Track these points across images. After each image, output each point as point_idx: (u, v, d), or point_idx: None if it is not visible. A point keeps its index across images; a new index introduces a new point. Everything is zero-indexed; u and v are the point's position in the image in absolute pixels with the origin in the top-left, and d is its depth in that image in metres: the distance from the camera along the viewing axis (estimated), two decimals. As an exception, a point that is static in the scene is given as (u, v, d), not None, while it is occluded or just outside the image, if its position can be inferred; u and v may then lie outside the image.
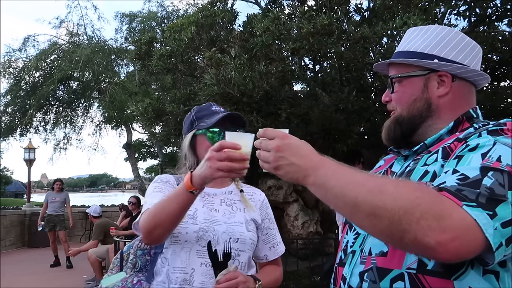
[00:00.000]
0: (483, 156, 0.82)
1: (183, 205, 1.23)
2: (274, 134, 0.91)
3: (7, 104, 11.69)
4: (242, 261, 1.40)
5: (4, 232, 10.26)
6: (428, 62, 1.03)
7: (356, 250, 1.00)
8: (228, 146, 1.10)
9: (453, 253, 0.72)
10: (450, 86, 1.03)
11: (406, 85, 1.05)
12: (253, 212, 1.49)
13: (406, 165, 1.04)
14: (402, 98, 1.05)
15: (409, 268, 0.88)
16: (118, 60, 12.20)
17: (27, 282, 6.67)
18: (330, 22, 3.34)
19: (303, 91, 5.35)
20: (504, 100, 5.03)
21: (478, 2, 4.01)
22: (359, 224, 0.83)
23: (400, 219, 0.72)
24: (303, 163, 0.87)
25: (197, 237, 1.36)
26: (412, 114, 1.04)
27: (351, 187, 0.80)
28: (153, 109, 4.41)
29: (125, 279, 1.47)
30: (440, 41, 1.05)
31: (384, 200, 0.75)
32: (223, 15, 4.52)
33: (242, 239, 1.40)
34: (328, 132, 4.02)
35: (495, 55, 5.14)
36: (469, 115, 1.03)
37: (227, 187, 1.54)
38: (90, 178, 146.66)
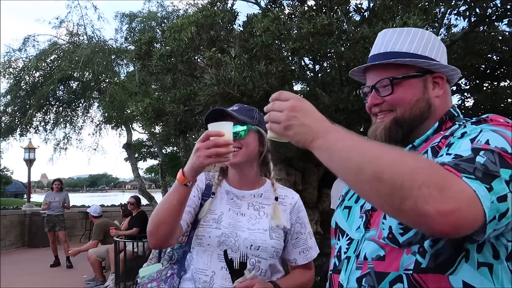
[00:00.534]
0: (472, 141, 0.84)
1: (179, 199, 1.29)
2: (289, 96, 0.91)
3: (7, 104, 11.68)
4: (262, 268, 1.40)
5: (4, 232, 10.26)
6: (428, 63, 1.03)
7: (351, 256, 1.00)
8: (213, 134, 1.20)
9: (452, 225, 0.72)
10: (444, 87, 1.05)
11: (406, 86, 1.03)
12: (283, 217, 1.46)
13: None
14: (405, 99, 1.03)
15: (406, 270, 0.89)
16: (118, 60, 12.18)
17: (27, 282, 6.67)
18: (330, 22, 3.34)
19: (303, 91, 5.35)
20: (504, 100, 5.04)
21: (478, 2, 4.01)
22: (361, 188, 0.82)
23: (402, 184, 0.72)
24: (314, 125, 0.88)
25: (219, 242, 1.39)
26: (415, 114, 1.03)
27: (356, 151, 0.80)
28: (153, 109, 4.41)
29: (161, 271, 1.51)
30: (427, 42, 1.06)
31: (387, 165, 0.76)
32: (223, 15, 4.52)
33: (263, 247, 1.40)
34: (328, 132, 4.02)
35: (495, 55, 5.14)
36: (451, 114, 1.05)
37: (257, 189, 1.52)
38: (90, 178, 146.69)
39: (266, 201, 1.50)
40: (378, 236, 0.95)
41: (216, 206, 1.48)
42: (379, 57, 1.07)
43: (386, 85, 1.05)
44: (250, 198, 1.50)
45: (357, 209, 1.07)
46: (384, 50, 1.07)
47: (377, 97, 1.06)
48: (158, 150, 12.07)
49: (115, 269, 6.01)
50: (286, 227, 1.47)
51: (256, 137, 1.49)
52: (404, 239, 0.90)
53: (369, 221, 1.00)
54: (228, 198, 1.50)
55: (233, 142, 1.30)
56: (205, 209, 1.47)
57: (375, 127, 1.08)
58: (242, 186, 1.52)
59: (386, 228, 0.93)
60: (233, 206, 1.48)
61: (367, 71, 1.11)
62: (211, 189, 1.53)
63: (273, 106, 0.91)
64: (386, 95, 1.05)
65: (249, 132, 1.46)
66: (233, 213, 1.45)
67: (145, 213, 7.21)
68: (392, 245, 0.92)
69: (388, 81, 1.04)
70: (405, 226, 0.90)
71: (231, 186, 1.53)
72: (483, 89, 5.39)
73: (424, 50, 1.05)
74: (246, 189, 1.51)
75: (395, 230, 0.91)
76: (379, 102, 1.06)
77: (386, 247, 0.93)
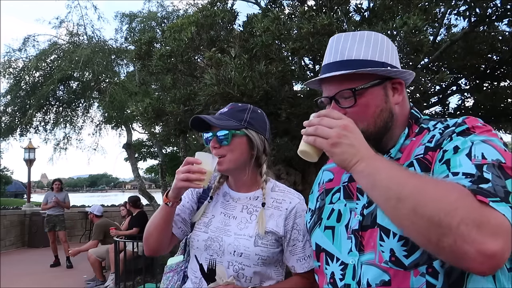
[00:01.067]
0: (468, 157, 0.83)
1: (163, 218, 1.40)
2: (341, 116, 0.92)
3: (7, 104, 11.67)
4: (247, 275, 1.37)
5: (4, 232, 10.26)
6: (388, 70, 0.99)
7: (351, 284, 0.95)
8: (191, 161, 1.32)
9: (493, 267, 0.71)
10: (403, 92, 1.04)
11: (368, 96, 0.99)
12: (273, 223, 1.40)
13: None
14: (367, 112, 0.99)
15: None
16: (118, 60, 12.17)
17: (27, 282, 6.67)
18: (330, 22, 3.34)
19: (303, 91, 5.35)
20: (504, 100, 5.03)
21: (478, 2, 4.01)
22: (398, 219, 0.80)
23: (440, 221, 0.72)
24: (362, 149, 0.88)
25: (206, 246, 1.41)
26: (379, 126, 1.00)
27: (397, 182, 0.80)
28: (153, 109, 4.40)
29: (179, 263, 1.57)
30: (382, 48, 1.01)
31: (426, 199, 0.75)
32: (223, 15, 4.52)
33: (246, 254, 1.36)
34: (328, 132, 4.01)
35: (495, 55, 5.14)
36: (415, 117, 1.05)
37: (253, 192, 1.49)
38: (90, 178, 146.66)
39: (260, 205, 1.45)
40: (378, 260, 0.91)
41: (209, 209, 1.49)
42: (335, 65, 1.01)
43: (348, 97, 0.99)
44: (246, 200, 1.47)
45: (341, 229, 1.01)
46: (340, 58, 1.01)
47: (339, 109, 1.00)
48: (158, 150, 12.06)
49: (115, 269, 6.01)
50: (279, 234, 1.39)
51: (243, 141, 1.43)
52: (410, 261, 0.87)
53: (361, 243, 0.96)
54: (224, 200, 1.50)
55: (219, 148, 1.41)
56: (200, 213, 1.48)
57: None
58: (239, 188, 1.51)
59: (386, 251, 0.90)
60: (226, 208, 1.47)
61: (323, 81, 1.05)
62: (209, 191, 1.53)
63: (322, 122, 0.90)
64: (349, 107, 0.99)
65: (232, 137, 1.40)
66: (224, 217, 1.45)
67: (145, 213, 7.21)
68: (397, 268, 0.88)
69: (350, 92, 0.98)
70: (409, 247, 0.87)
71: (230, 188, 1.53)
72: (483, 89, 5.38)
73: (381, 55, 1.00)
74: (244, 191, 1.50)
75: (398, 252, 0.88)
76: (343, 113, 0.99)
77: (389, 271, 0.89)
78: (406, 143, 1.01)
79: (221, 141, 1.40)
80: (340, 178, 1.12)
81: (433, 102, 5.45)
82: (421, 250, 0.85)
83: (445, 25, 4.96)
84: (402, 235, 0.88)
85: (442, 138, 0.93)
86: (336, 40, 1.04)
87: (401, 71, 1.02)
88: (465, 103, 5.55)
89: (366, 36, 1.02)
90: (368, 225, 0.96)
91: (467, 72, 5.17)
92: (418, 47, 3.09)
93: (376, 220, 0.94)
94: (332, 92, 1.02)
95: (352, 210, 1.02)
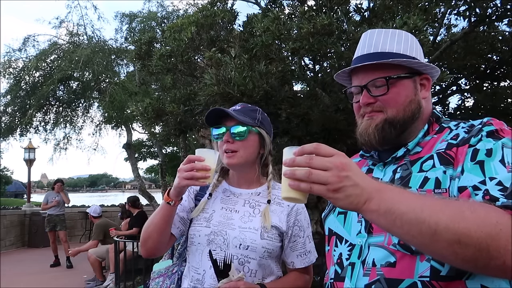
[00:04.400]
0: (502, 163, 0.84)
1: (164, 217, 1.37)
2: (332, 151, 0.79)
3: (7, 104, 11.66)
4: (252, 268, 1.38)
5: (4, 232, 10.26)
6: (419, 64, 1.03)
7: (356, 262, 0.97)
8: (193, 158, 1.29)
9: None
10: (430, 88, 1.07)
11: (400, 86, 1.03)
12: (276, 218, 1.43)
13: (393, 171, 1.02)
14: (398, 99, 1.03)
15: (421, 276, 0.86)
16: (118, 60, 12.17)
17: (27, 282, 6.67)
18: (330, 22, 3.33)
19: (303, 91, 5.35)
20: (504, 100, 5.03)
21: (478, 2, 4.01)
22: (438, 252, 0.75)
23: (488, 246, 0.70)
24: (367, 185, 0.77)
25: (208, 240, 1.39)
26: (407, 115, 1.03)
27: (428, 213, 0.73)
28: (153, 109, 4.40)
29: (169, 267, 1.56)
30: (411, 44, 1.06)
31: (468, 227, 0.71)
32: (223, 15, 4.52)
33: (252, 247, 1.37)
34: (328, 132, 4.02)
35: (495, 55, 5.14)
36: (436, 116, 1.07)
37: (255, 189, 1.51)
38: (90, 178, 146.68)
39: (263, 200, 1.47)
40: (387, 242, 0.92)
41: (209, 205, 1.49)
42: (368, 57, 1.04)
43: (380, 85, 1.03)
44: (248, 195, 1.49)
45: (353, 214, 1.04)
46: (374, 51, 1.05)
47: (369, 96, 1.04)
48: (158, 150, 12.06)
49: (115, 269, 6.01)
50: (282, 229, 1.43)
51: (256, 139, 1.47)
52: None
53: (371, 225, 0.97)
54: (224, 196, 1.50)
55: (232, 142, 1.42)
56: (199, 209, 1.48)
57: (366, 125, 1.05)
58: (240, 185, 1.52)
59: None
60: (227, 203, 1.47)
61: (354, 72, 1.09)
62: (206, 189, 1.53)
63: (313, 163, 0.78)
64: (380, 95, 1.03)
65: (249, 133, 1.44)
66: (225, 211, 1.44)
67: (145, 213, 7.21)
68: (404, 252, 0.89)
69: (384, 80, 1.02)
70: None
71: (229, 185, 1.53)
72: (483, 89, 5.39)
73: (411, 51, 1.05)
74: (245, 187, 1.51)
75: None
76: (372, 102, 1.04)
77: (396, 253, 0.90)
78: (425, 139, 1.03)
79: (237, 136, 1.42)
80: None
81: (433, 102, 5.44)
82: None
83: (445, 25, 4.96)
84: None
85: (470, 135, 0.92)
86: (369, 35, 1.09)
87: (430, 66, 1.05)
88: (465, 103, 5.55)
89: (398, 33, 1.07)
90: None
91: (467, 72, 5.18)
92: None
93: None
94: (364, 81, 1.05)
95: None
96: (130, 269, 5.88)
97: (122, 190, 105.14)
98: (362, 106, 1.06)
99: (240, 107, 1.50)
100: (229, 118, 1.44)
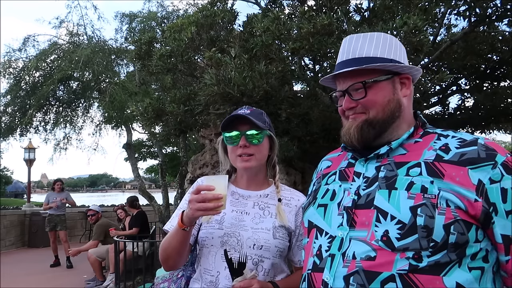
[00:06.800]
0: None
1: (181, 241, 1.39)
2: None
3: (7, 104, 11.66)
4: (265, 267, 1.41)
5: (4, 232, 10.26)
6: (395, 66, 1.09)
7: (336, 254, 1.01)
8: (203, 188, 1.28)
9: None
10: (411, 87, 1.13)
11: (377, 88, 1.09)
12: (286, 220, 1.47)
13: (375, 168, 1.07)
14: (376, 101, 1.09)
15: (400, 269, 0.92)
16: (118, 60, 12.17)
17: (27, 282, 6.67)
18: (330, 22, 3.33)
19: (303, 91, 5.35)
20: (504, 100, 5.02)
21: (478, 2, 4.00)
22: None
23: None
24: None
25: (222, 242, 1.41)
26: (387, 115, 1.08)
27: None
28: (153, 109, 4.40)
29: (173, 272, 1.57)
30: (391, 46, 1.12)
31: None
32: (223, 15, 4.52)
33: (266, 246, 1.40)
34: (328, 132, 4.02)
35: (495, 55, 5.13)
36: (422, 121, 1.13)
37: (263, 190, 1.54)
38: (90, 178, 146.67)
39: (271, 201, 1.51)
40: (370, 238, 0.97)
41: None
42: (348, 63, 1.11)
43: (358, 89, 1.10)
44: (256, 198, 1.51)
45: (333, 206, 1.09)
46: (351, 57, 1.11)
47: (351, 100, 1.11)
48: (158, 150, 12.07)
49: (115, 269, 6.01)
50: (291, 228, 1.47)
51: (267, 142, 1.51)
52: (400, 244, 0.93)
53: (353, 219, 1.02)
54: (233, 198, 1.52)
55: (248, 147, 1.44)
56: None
57: (348, 125, 1.12)
58: (249, 187, 1.54)
59: (380, 231, 0.96)
60: (237, 205, 1.49)
61: (337, 77, 1.16)
62: None
63: None
64: (360, 99, 1.09)
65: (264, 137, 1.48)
66: (236, 213, 1.46)
67: (144, 213, 7.22)
68: (386, 248, 0.94)
69: (361, 85, 1.09)
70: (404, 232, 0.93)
71: (237, 187, 1.55)
72: (483, 89, 5.38)
73: (389, 53, 1.10)
74: (253, 189, 1.53)
75: (391, 233, 0.94)
76: (354, 106, 1.11)
77: (377, 249, 0.95)
78: (408, 141, 1.08)
79: (254, 139, 1.45)
80: (338, 164, 1.20)
81: (433, 102, 5.45)
82: (415, 237, 0.91)
83: (445, 25, 4.95)
84: (401, 220, 0.94)
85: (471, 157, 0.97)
86: (348, 41, 1.15)
87: (408, 66, 1.11)
88: (465, 103, 5.55)
89: (376, 36, 1.12)
90: (362, 204, 1.02)
91: (467, 72, 5.17)
92: (418, 47, 3.08)
93: (373, 202, 1.00)
94: (345, 86, 1.13)
95: (346, 189, 1.09)
96: (130, 269, 5.88)
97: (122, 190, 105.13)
98: (345, 110, 1.13)
99: (249, 111, 1.51)
100: (242, 122, 1.47)
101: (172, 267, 1.49)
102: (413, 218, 0.92)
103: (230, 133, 1.47)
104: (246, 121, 1.46)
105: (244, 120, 1.46)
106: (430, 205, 0.92)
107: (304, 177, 5.39)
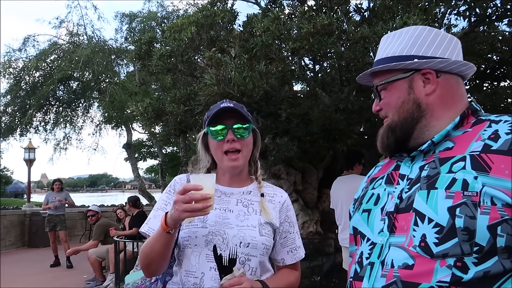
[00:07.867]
0: None
1: (165, 244, 1.30)
2: None
3: (7, 104, 11.68)
4: (252, 266, 1.36)
5: (4, 232, 10.25)
6: (408, 63, 1.02)
7: (375, 262, 0.95)
8: (191, 188, 1.19)
9: None
10: (436, 82, 1.01)
11: (391, 90, 1.05)
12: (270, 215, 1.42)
13: (419, 168, 0.98)
14: (391, 103, 1.04)
15: (440, 281, 0.84)
16: (118, 60, 12.19)
17: (27, 282, 6.67)
18: (330, 22, 3.34)
19: (303, 91, 5.35)
20: (504, 100, 5.03)
21: (478, 2, 4.01)
22: None
23: None
24: None
25: (206, 241, 1.34)
26: (403, 117, 1.02)
27: None
28: (153, 109, 4.40)
29: (145, 277, 1.48)
30: (416, 40, 1.03)
31: None
32: (223, 15, 4.52)
33: (253, 244, 1.35)
34: (328, 132, 4.02)
35: (495, 55, 5.14)
36: (473, 108, 1.01)
37: (246, 187, 1.48)
38: (90, 178, 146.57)
39: (255, 198, 1.45)
40: (408, 243, 0.90)
41: None
42: (378, 63, 1.08)
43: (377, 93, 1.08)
44: (239, 195, 1.45)
45: (377, 211, 1.02)
46: (380, 56, 1.08)
47: (376, 103, 1.09)
48: (158, 150, 12.09)
49: (115, 269, 6.01)
50: (275, 225, 1.42)
51: (251, 137, 1.44)
52: (439, 250, 0.85)
53: (394, 224, 0.95)
54: (216, 196, 1.43)
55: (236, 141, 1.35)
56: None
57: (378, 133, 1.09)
58: (231, 184, 1.47)
59: (418, 236, 0.88)
60: (220, 203, 1.41)
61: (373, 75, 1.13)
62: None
63: None
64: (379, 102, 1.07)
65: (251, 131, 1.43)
66: (219, 211, 1.39)
67: (145, 213, 7.20)
68: (424, 255, 0.87)
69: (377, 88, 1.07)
70: (442, 236, 0.85)
71: (218, 184, 1.46)
72: (483, 89, 5.39)
73: (411, 49, 1.03)
74: (236, 186, 1.47)
75: (429, 238, 0.86)
76: (379, 109, 1.08)
77: (415, 256, 0.88)
78: (457, 133, 0.97)
79: (241, 134, 1.38)
80: (387, 168, 1.12)
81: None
82: (455, 241, 0.83)
83: (445, 25, 4.95)
84: (438, 222, 0.86)
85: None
86: (383, 39, 1.12)
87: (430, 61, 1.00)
88: (465, 103, 5.55)
89: (404, 32, 1.06)
90: (403, 208, 0.94)
91: (467, 72, 5.17)
92: (418, 47, 3.08)
93: (413, 204, 0.92)
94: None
95: (390, 193, 1.02)
96: (130, 269, 5.87)
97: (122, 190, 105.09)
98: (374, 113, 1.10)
99: (232, 104, 1.42)
100: (228, 116, 1.39)
101: (154, 273, 1.40)
102: (451, 220, 0.83)
103: (215, 127, 1.38)
104: (232, 114, 1.38)
105: (230, 113, 1.38)
106: (470, 204, 0.82)
107: (304, 177, 5.39)
